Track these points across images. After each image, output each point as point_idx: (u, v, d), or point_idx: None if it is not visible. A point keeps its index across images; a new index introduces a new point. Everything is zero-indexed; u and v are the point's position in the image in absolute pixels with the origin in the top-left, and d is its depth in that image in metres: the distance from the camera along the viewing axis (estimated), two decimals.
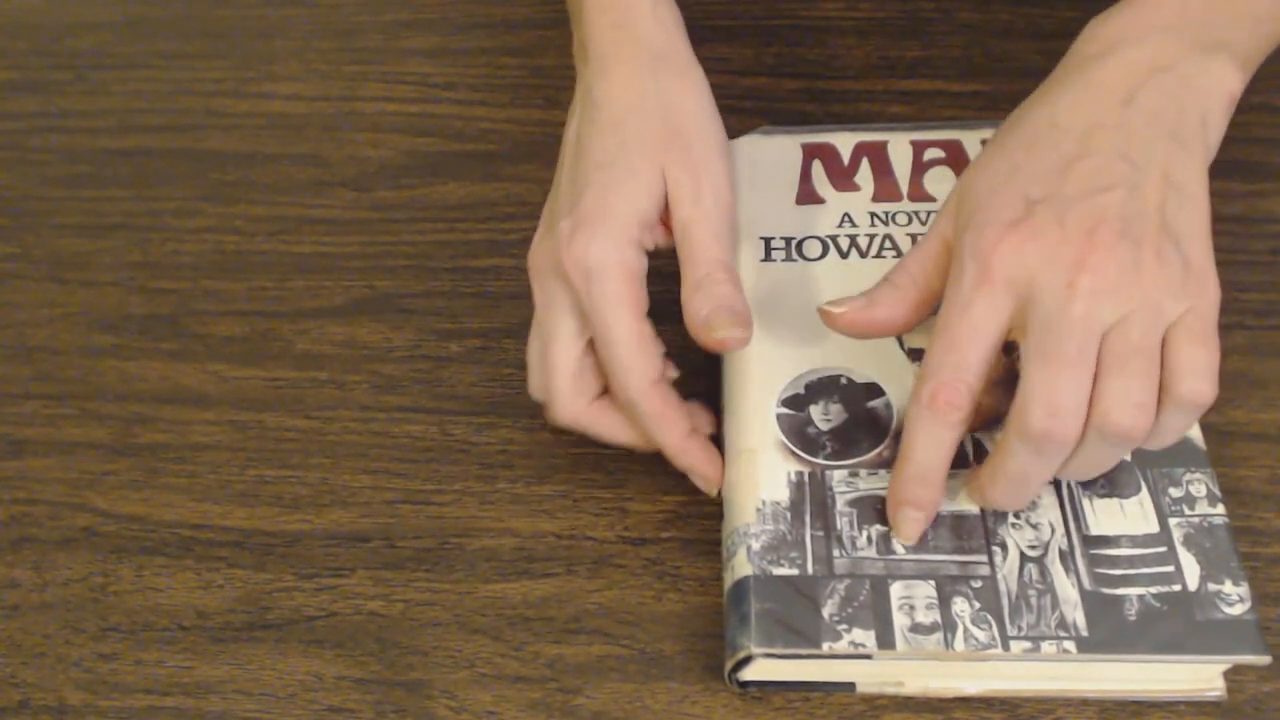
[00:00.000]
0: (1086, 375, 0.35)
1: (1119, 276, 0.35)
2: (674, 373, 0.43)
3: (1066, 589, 0.38)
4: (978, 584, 0.38)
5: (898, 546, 0.39)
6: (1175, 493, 0.40)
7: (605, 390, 0.43)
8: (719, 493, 0.43)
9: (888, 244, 0.47)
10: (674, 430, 0.41)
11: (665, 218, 0.42)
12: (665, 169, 0.41)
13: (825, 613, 0.38)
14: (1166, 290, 0.35)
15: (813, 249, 0.47)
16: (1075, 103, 0.39)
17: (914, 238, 0.47)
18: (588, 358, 0.42)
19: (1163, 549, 0.39)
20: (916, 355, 0.44)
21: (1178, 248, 0.36)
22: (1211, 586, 0.38)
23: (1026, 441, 0.36)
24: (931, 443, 0.37)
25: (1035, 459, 0.36)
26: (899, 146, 0.50)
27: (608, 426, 0.43)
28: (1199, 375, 0.35)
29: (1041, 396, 0.35)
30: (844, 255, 0.47)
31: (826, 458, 0.41)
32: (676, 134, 0.42)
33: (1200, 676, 0.39)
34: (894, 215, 0.48)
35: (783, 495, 0.40)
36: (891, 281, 0.40)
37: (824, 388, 0.43)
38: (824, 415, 0.42)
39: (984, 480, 0.38)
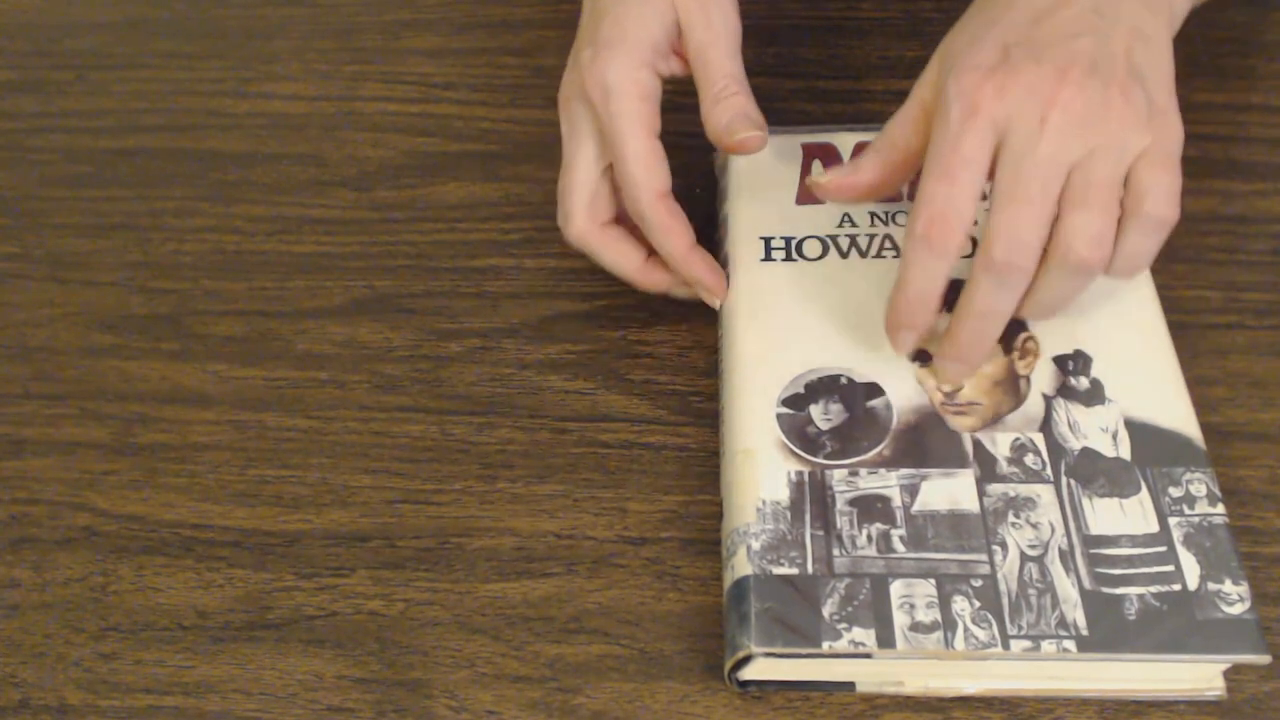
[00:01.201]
0: (1048, 212, 0.38)
1: (1087, 113, 0.38)
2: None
3: (1066, 588, 0.38)
4: (978, 583, 0.38)
5: (898, 545, 0.39)
6: (1175, 492, 0.40)
7: (616, 219, 0.48)
8: (720, 305, 0.47)
9: (888, 244, 0.47)
10: (679, 240, 0.45)
11: (677, 47, 0.45)
12: (675, 1, 0.45)
13: (825, 612, 0.38)
14: (1131, 126, 0.38)
15: (813, 249, 0.47)
16: None
17: None
18: (604, 184, 0.46)
19: (1163, 548, 0.39)
20: (916, 355, 0.44)
21: (1143, 88, 0.39)
22: (1211, 586, 0.38)
23: (989, 273, 0.39)
24: (926, 273, 0.40)
25: (998, 291, 0.39)
26: None
27: (613, 252, 0.47)
28: (1161, 195, 0.38)
29: (1005, 231, 0.38)
30: (844, 255, 0.47)
31: (826, 457, 0.41)
32: None
33: (1200, 676, 0.39)
34: (894, 215, 0.48)
35: (783, 495, 0.40)
36: (874, 148, 0.43)
37: (824, 387, 0.43)
38: (824, 415, 0.42)
39: (953, 325, 0.41)
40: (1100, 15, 0.40)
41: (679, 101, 0.46)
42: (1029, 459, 0.41)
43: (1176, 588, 0.38)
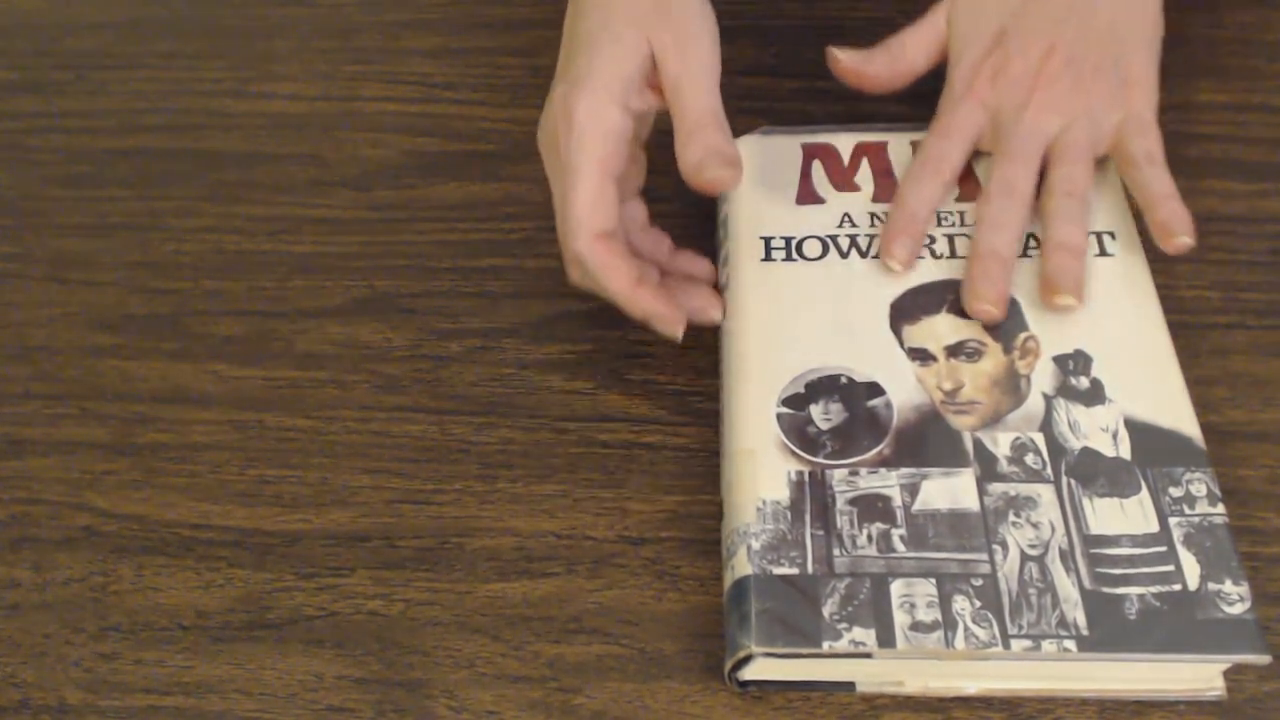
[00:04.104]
0: (1032, 165, 0.47)
1: (1064, 95, 0.47)
2: (667, 241, 0.49)
3: (1067, 588, 0.38)
4: (978, 582, 0.38)
5: (898, 544, 0.39)
6: (1175, 492, 0.40)
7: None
8: (680, 336, 0.46)
9: None
10: (621, 279, 0.44)
11: (654, 81, 0.45)
12: (650, 35, 0.44)
13: (825, 612, 0.38)
14: (1103, 102, 0.47)
15: (813, 249, 0.47)
16: None
17: None
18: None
19: (1163, 548, 0.39)
20: (916, 354, 0.44)
21: (1116, 65, 0.47)
22: (1211, 586, 0.38)
23: (991, 200, 0.46)
24: (921, 191, 0.47)
25: (1003, 207, 0.46)
26: (899, 146, 0.50)
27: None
28: (1144, 153, 0.46)
29: (1000, 177, 0.47)
30: (844, 255, 0.47)
31: (826, 457, 0.41)
32: (659, 7, 0.45)
33: (1200, 676, 0.39)
34: None
35: (783, 494, 0.40)
36: (886, 47, 0.51)
37: (824, 387, 0.43)
38: (824, 415, 0.42)
39: (971, 254, 0.45)
40: None
41: None
42: (1029, 458, 0.41)
43: (1177, 588, 0.38)
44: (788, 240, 0.48)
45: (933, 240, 0.47)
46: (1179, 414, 0.42)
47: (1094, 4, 0.48)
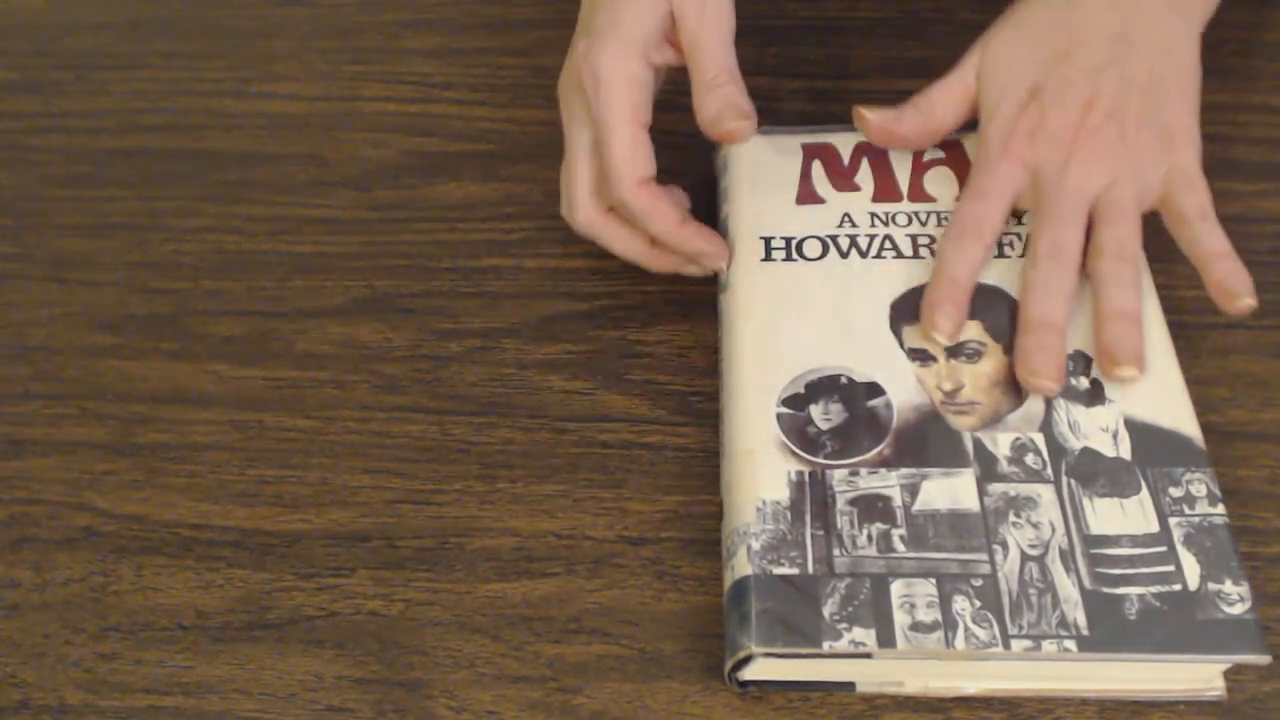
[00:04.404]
0: (1079, 226, 0.44)
1: (1106, 150, 0.45)
2: (686, 202, 0.49)
3: (1067, 588, 0.38)
4: (978, 582, 0.38)
5: (899, 544, 0.39)
6: (1175, 492, 0.40)
7: None
8: (725, 270, 0.48)
9: (888, 244, 0.47)
10: (667, 219, 0.46)
11: (672, 37, 0.46)
12: None
13: (825, 612, 0.38)
14: (1148, 157, 0.45)
15: (813, 249, 0.47)
16: None
17: (914, 238, 0.47)
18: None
19: (1163, 548, 0.38)
20: (916, 355, 0.44)
21: (1157, 117, 0.45)
22: (1211, 586, 0.38)
23: (1039, 264, 0.44)
24: (962, 256, 0.45)
25: (1051, 271, 0.44)
26: None
27: (620, 236, 0.48)
28: (1195, 209, 0.44)
29: (1046, 236, 0.44)
30: (844, 255, 0.47)
31: (826, 457, 0.41)
32: None
33: (1200, 676, 0.39)
34: (894, 215, 0.48)
35: (783, 495, 0.40)
36: (916, 105, 0.49)
37: (824, 387, 0.43)
38: (824, 415, 0.42)
39: (1020, 325, 0.43)
40: (1125, 41, 0.45)
41: (680, 102, 0.46)
42: (1029, 459, 0.41)
43: (1177, 588, 0.38)
44: (788, 240, 0.48)
45: (933, 240, 0.47)
46: (1179, 414, 0.42)
47: (1131, 54, 0.45)
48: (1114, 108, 0.45)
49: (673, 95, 0.47)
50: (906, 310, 0.45)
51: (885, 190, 0.49)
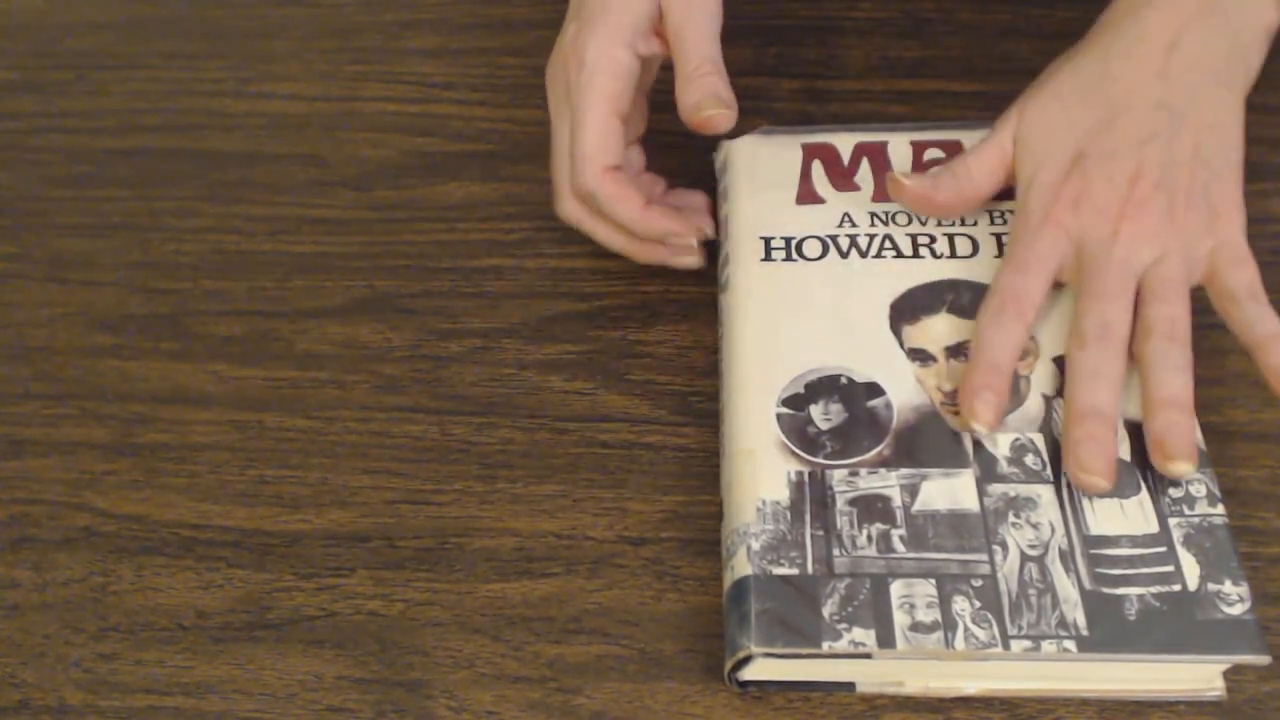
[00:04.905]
0: (1126, 302, 0.42)
1: (1155, 224, 0.43)
2: (661, 184, 0.50)
3: (1067, 588, 0.38)
4: (978, 583, 0.38)
5: (898, 545, 0.39)
6: (1175, 493, 0.40)
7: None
8: (701, 242, 0.48)
9: (888, 244, 0.47)
10: (632, 204, 0.46)
11: (659, 28, 0.46)
12: None
13: (825, 612, 0.38)
14: (1196, 232, 0.43)
15: (813, 249, 0.47)
16: (1124, 51, 0.45)
17: (914, 238, 0.47)
18: None
19: (1163, 549, 0.39)
20: (916, 355, 0.44)
21: (1206, 192, 0.43)
22: (1211, 586, 0.38)
23: (1087, 348, 0.42)
24: (1003, 337, 0.43)
25: (1101, 356, 0.41)
26: (899, 146, 0.50)
27: (598, 227, 0.48)
28: (1244, 287, 0.42)
29: (1092, 314, 0.42)
30: (844, 255, 0.47)
31: (826, 457, 0.41)
32: None
33: (1200, 676, 0.39)
34: (894, 215, 0.48)
35: (783, 495, 0.40)
36: (953, 171, 0.47)
37: (824, 387, 0.43)
38: (824, 415, 0.42)
39: (1067, 415, 0.41)
40: (1169, 110, 0.44)
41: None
42: (1029, 459, 0.41)
43: (1176, 588, 0.38)
44: (788, 240, 0.48)
45: (933, 240, 0.47)
46: None
47: (1178, 125, 0.44)
48: (1161, 181, 0.43)
49: (670, 95, 0.47)
50: (906, 310, 0.45)
51: (885, 190, 0.49)
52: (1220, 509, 0.39)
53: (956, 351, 0.44)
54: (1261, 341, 0.41)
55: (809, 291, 0.46)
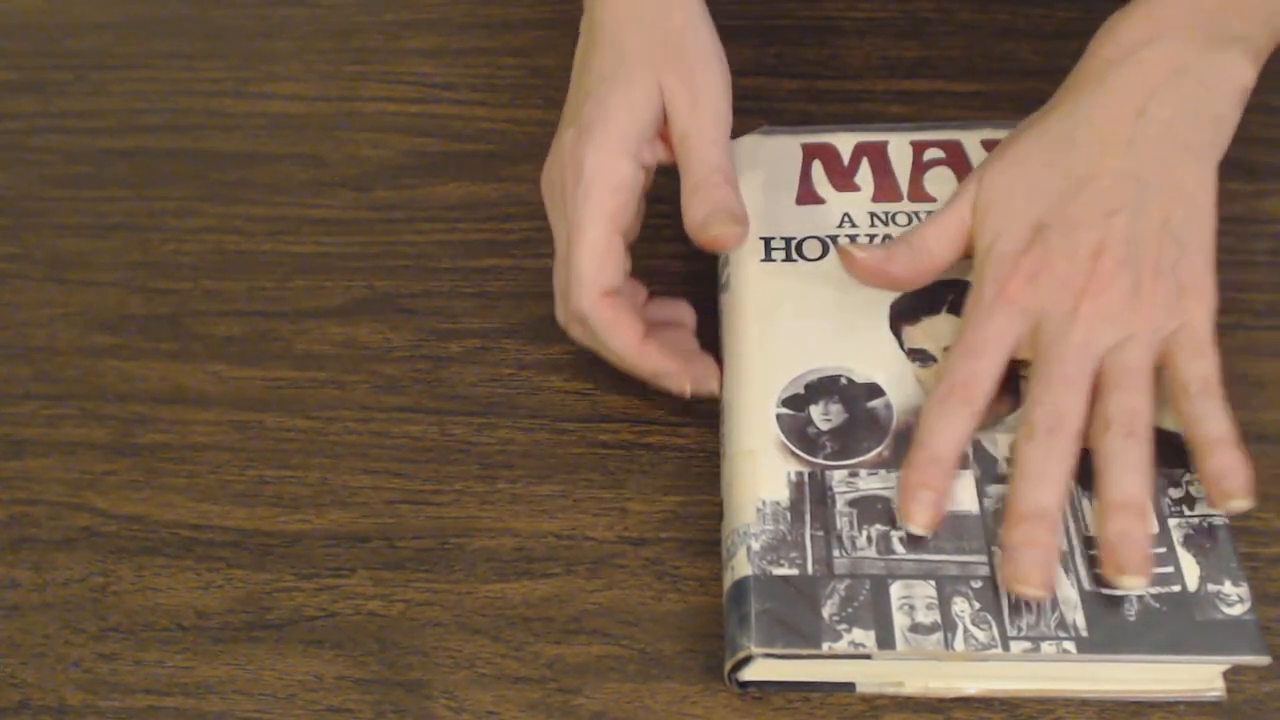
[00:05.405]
0: (1083, 391, 0.39)
1: (1118, 303, 0.40)
2: (643, 292, 0.46)
3: (1066, 589, 0.38)
4: (978, 584, 0.38)
5: (898, 546, 0.39)
6: (1175, 493, 0.40)
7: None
8: (705, 392, 0.44)
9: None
10: (628, 336, 0.42)
11: (664, 131, 0.43)
12: (662, 80, 0.42)
13: (825, 613, 0.38)
14: (1162, 312, 0.40)
15: (813, 249, 0.47)
16: (1090, 118, 0.42)
17: None
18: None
19: (1162, 549, 0.39)
20: (916, 355, 0.44)
21: (1175, 268, 0.40)
22: (1211, 587, 0.38)
23: (1033, 441, 0.39)
24: (947, 429, 0.40)
25: (1049, 453, 0.39)
26: (899, 147, 0.50)
27: (592, 343, 0.45)
28: (1197, 383, 0.39)
29: (1044, 404, 0.39)
30: None
31: (826, 458, 0.41)
32: (673, 48, 0.43)
33: (1200, 676, 0.39)
34: (894, 215, 0.48)
35: (783, 495, 0.40)
36: (909, 243, 0.44)
37: (824, 388, 0.43)
38: (824, 415, 0.42)
39: (1007, 510, 0.39)
40: (1139, 182, 0.41)
41: None
42: None
43: (1176, 589, 0.38)
44: (788, 240, 0.48)
45: None
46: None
47: (1146, 197, 0.41)
48: (1127, 257, 0.40)
49: None
50: (906, 310, 0.45)
51: (885, 190, 0.49)
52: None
53: None
54: (1205, 443, 0.39)
55: (809, 291, 0.46)
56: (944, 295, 0.45)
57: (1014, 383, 0.43)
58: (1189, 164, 0.41)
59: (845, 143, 0.51)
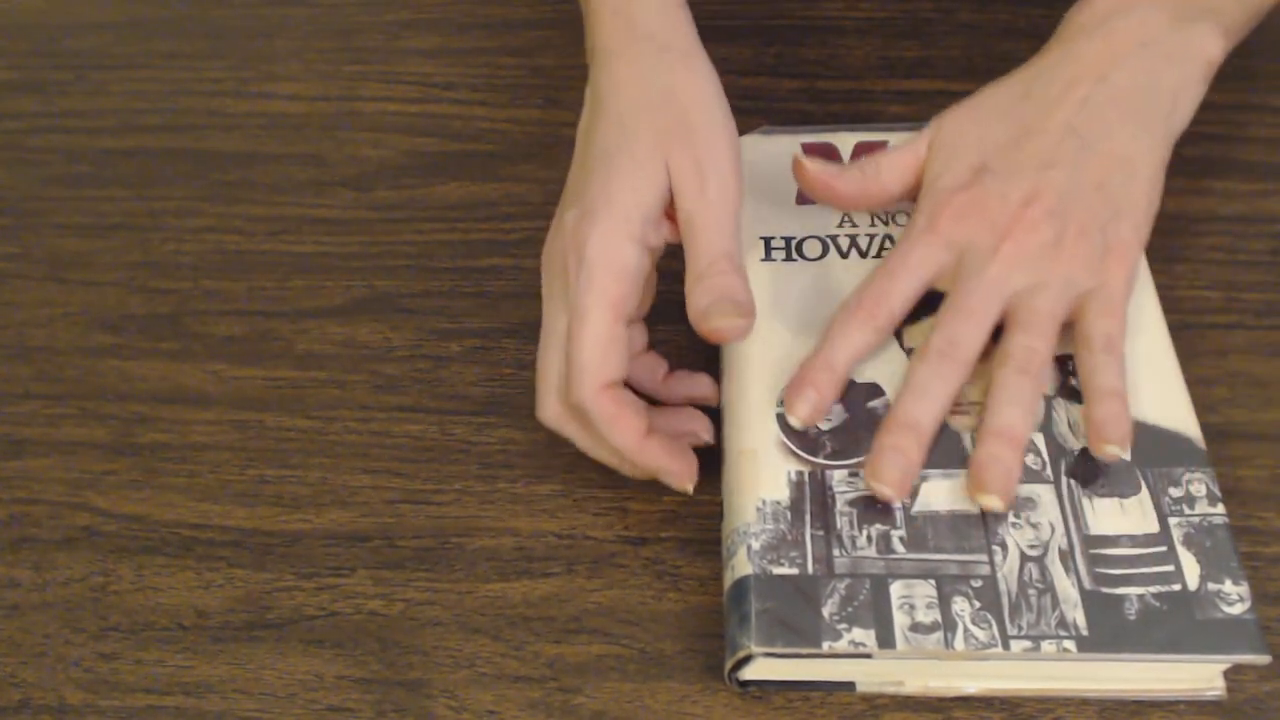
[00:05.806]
0: (984, 324, 0.41)
1: (1037, 250, 0.41)
2: (663, 367, 0.45)
3: (1066, 588, 0.38)
4: (978, 583, 0.38)
5: (898, 545, 0.39)
6: (1175, 492, 0.40)
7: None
8: (692, 489, 0.42)
9: (888, 244, 0.47)
10: (629, 432, 0.40)
11: (670, 211, 0.41)
12: (669, 159, 0.41)
13: (825, 612, 0.38)
14: (1080, 267, 0.41)
15: (813, 249, 0.47)
16: (1051, 78, 0.44)
17: None
18: None
19: (1163, 549, 0.39)
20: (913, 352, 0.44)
21: (1103, 229, 0.41)
22: (1211, 586, 0.38)
23: (926, 361, 0.41)
24: (845, 339, 0.42)
25: (933, 378, 0.40)
26: None
27: (585, 440, 0.43)
28: (1103, 337, 0.41)
29: (945, 331, 0.41)
30: (844, 255, 0.47)
31: (826, 458, 0.41)
32: (681, 124, 0.41)
33: (1200, 676, 0.39)
34: (894, 215, 0.48)
35: (783, 495, 0.40)
36: (861, 167, 0.45)
37: None
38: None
39: (893, 407, 0.41)
40: (1082, 141, 0.43)
41: None
42: (1029, 459, 0.41)
43: (1176, 588, 0.38)
44: (788, 240, 0.48)
45: None
46: (1179, 414, 0.42)
47: (1085, 157, 0.42)
48: (1057, 208, 0.41)
49: None
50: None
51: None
52: (1220, 509, 0.39)
53: None
54: (1097, 393, 0.40)
55: (809, 291, 0.46)
56: (943, 297, 0.45)
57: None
58: (1137, 131, 0.43)
59: (845, 142, 0.51)
